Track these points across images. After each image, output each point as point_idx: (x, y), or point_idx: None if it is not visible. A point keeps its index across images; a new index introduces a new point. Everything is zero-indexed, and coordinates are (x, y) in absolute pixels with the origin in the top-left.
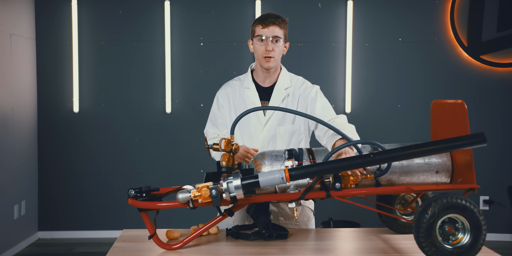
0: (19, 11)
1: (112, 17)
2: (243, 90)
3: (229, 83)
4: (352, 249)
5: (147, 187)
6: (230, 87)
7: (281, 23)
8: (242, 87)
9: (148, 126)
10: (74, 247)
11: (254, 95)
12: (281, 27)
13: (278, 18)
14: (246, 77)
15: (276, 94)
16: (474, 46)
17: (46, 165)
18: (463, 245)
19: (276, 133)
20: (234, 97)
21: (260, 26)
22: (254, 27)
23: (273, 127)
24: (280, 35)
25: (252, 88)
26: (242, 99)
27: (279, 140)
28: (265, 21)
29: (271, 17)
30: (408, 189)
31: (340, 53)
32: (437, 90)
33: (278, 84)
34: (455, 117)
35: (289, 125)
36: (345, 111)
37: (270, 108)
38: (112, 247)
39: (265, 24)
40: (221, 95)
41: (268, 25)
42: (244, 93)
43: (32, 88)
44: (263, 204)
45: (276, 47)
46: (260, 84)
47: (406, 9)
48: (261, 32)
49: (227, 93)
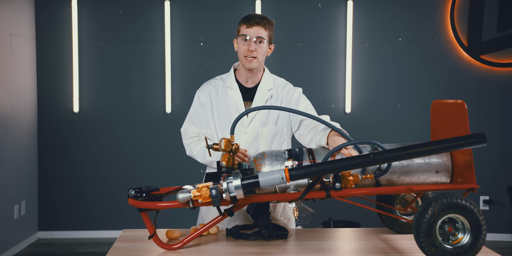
0: (19, 11)
1: (112, 17)
2: (226, 89)
3: (210, 82)
4: (352, 249)
5: (147, 187)
6: (212, 86)
7: (266, 24)
8: (225, 87)
9: (148, 126)
10: (74, 247)
11: (237, 95)
12: (266, 28)
13: (263, 19)
14: (229, 77)
15: (259, 95)
16: (474, 46)
17: (46, 165)
18: (463, 245)
19: (258, 134)
20: (216, 96)
21: (244, 26)
22: (239, 26)
23: (255, 128)
24: (264, 36)
25: (235, 88)
26: (225, 99)
27: (261, 141)
28: (250, 21)
29: (256, 18)
30: (408, 189)
31: (340, 53)
32: (437, 90)
33: (262, 85)
34: (455, 117)
35: (272, 126)
36: (345, 111)
37: (271, 107)
38: (112, 247)
39: (250, 24)
40: (203, 94)
41: (252, 25)
42: (227, 93)
43: (32, 88)
44: (263, 204)
45: (259, 48)
46: (243, 84)
47: (406, 9)
48: (245, 32)
49: (209, 92)
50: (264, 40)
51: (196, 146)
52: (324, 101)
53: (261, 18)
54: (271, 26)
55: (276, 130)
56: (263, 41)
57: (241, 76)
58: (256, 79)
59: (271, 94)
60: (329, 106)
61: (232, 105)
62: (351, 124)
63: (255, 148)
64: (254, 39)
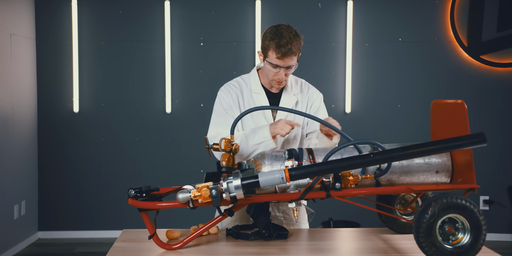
0: (19, 11)
1: (112, 17)
2: (251, 94)
3: (233, 84)
4: (352, 249)
5: (147, 187)
6: (237, 89)
7: (297, 49)
8: (250, 91)
9: (148, 126)
10: (74, 247)
11: (265, 102)
12: (297, 52)
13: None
14: (253, 80)
15: (285, 101)
16: (474, 46)
17: (46, 165)
18: (463, 245)
19: (284, 139)
20: (242, 99)
21: (275, 54)
22: (268, 50)
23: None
24: (294, 62)
25: (262, 94)
26: (254, 103)
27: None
28: (282, 50)
29: (288, 46)
30: (408, 189)
31: (340, 53)
32: (437, 90)
33: (287, 90)
34: (455, 117)
35: (299, 129)
36: (345, 111)
37: (271, 108)
38: (112, 247)
39: (282, 54)
40: (227, 97)
41: (285, 56)
42: (253, 98)
43: (32, 88)
44: (263, 204)
45: (289, 72)
46: (268, 89)
47: (406, 9)
48: (276, 62)
49: (232, 94)
50: (294, 67)
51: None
52: (324, 101)
53: (292, 44)
54: (301, 42)
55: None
56: (292, 67)
57: (265, 79)
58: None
59: (297, 99)
60: (329, 106)
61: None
62: (351, 124)
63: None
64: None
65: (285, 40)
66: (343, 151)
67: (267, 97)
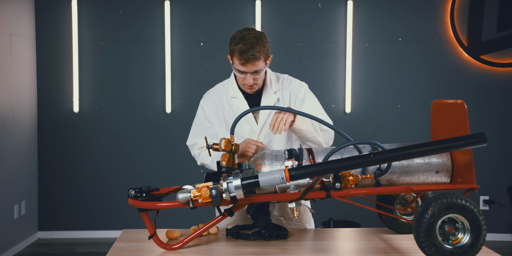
0: (19, 11)
1: (112, 17)
2: (230, 99)
3: (212, 92)
4: (352, 249)
5: (147, 187)
6: (216, 96)
7: (261, 53)
8: (229, 96)
9: (148, 126)
10: (74, 247)
11: (243, 105)
12: (261, 57)
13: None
14: (231, 85)
15: (266, 101)
16: (474, 46)
17: (46, 165)
18: (463, 245)
19: (271, 139)
20: (222, 107)
21: (238, 61)
22: (233, 56)
23: (268, 134)
24: (260, 67)
25: (239, 97)
26: (231, 109)
27: (275, 145)
28: (244, 57)
29: (250, 52)
30: (408, 189)
31: (340, 53)
32: (437, 90)
33: (266, 89)
34: (455, 117)
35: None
36: (345, 111)
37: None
38: (112, 247)
39: (245, 60)
40: (207, 105)
41: (247, 62)
42: (232, 103)
43: (32, 88)
44: (263, 204)
45: (258, 76)
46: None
47: (406, 9)
48: (240, 68)
49: (213, 103)
50: (261, 71)
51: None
52: (324, 101)
53: (255, 49)
54: (266, 45)
55: (289, 133)
56: (260, 71)
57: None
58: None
59: (277, 97)
60: (329, 106)
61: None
62: (351, 124)
63: None
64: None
65: (247, 45)
66: (343, 151)
67: (247, 100)
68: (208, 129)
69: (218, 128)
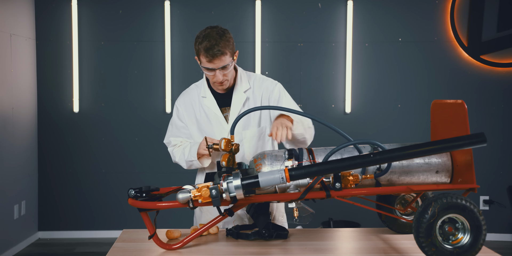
0: (19, 11)
1: (112, 17)
2: (201, 99)
3: (187, 92)
4: (352, 249)
5: (147, 187)
6: (189, 96)
7: (226, 49)
8: (200, 96)
9: (148, 126)
10: (74, 247)
11: (213, 104)
12: (227, 51)
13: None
14: (202, 85)
15: (236, 99)
16: (474, 46)
17: (46, 165)
18: (463, 245)
19: (242, 138)
20: (193, 107)
21: (205, 58)
22: (198, 55)
23: (238, 132)
24: (228, 61)
25: (209, 97)
26: (202, 109)
27: (246, 144)
28: (209, 53)
29: (215, 47)
30: (408, 189)
31: (340, 53)
32: (437, 90)
33: (237, 88)
34: (455, 117)
35: (255, 128)
36: (345, 111)
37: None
38: (112, 247)
39: (211, 56)
40: (181, 105)
41: (214, 58)
42: (203, 102)
43: (32, 88)
44: (263, 204)
45: (227, 72)
46: (217, 91)
47: (406, 9)
48: (208, 66)
49: (186, 103)
50: (229, 66)
51: (177, 151)
52: (324, 101)
53: (219, 47)
54: (230, 40)
55: (260, 132)
56: (228, 66)
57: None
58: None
59: (247, 96)
60: (329, 106)
61: (210, 114)
62: (351, 124)
63: (241, 152)
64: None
65: (212, 42)
66: (343, 151)
67: (217, 99)
68: (181, 128)
69: (190, 127)
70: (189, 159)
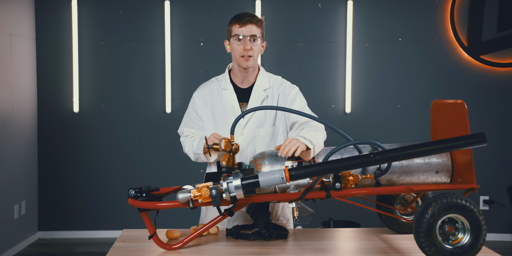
0: (19, 11)
1: (112, 17)
2: (221, 91)
3: (206, 84)
4: (352, 249)
5: (147, 187)
6: (208, 88)
7: (258, 22)
8: (220, 88)
9: (148, 126)
10: (74, 247)
11: (232, 97)
12: (258, 25)
13: (254, 17)
14: (224, 78)
15: (254, 96)
16: (474, 46)
17: (46, 165)
18: (463, 245)
19: (255, 135)
20: (211, 99)
21: (237, 25)
22: (230, 27)
23: (252, 129)
24: (258, 33)
25: (230, 90)
26: (221, 101)
27: (258, 142)
28: (242, 20)
29: (247, 16)
30: (408, 189)
31: (340, 53)
32: (437, 90)
33: (257, 85)
34: (455, 117)
35: (269, 127)
36: (345, 111)
37: (269, 107)
38: (112, 247)
39: (243, 23)
40: (198, 97)
41: (245, 24)
42: (222, 94)
43: (32, 88)
44: (263, 204)
45: (254, 46)
46: (238, 85)
47: (406, 9)
48: (239, 31)
49: (204, 95)
50: (258, 38)
51: (187, 142)
52: (324, 101)
53: (252, 16)
54: (262, 23)
55: (274, 131)
56: (257, 39)
57: (236, 76)
58: (251, 79)
59: (266, 94)
60: (329, 106)
61: (228, 107)
62: (351, 124)
63: (252, 149)
64: (248, 37)
65: (242, 14)
66: (343, 151)
67: (237, 93)
68: (194, 120)
69: (205, 119)
70: (196, 151)
